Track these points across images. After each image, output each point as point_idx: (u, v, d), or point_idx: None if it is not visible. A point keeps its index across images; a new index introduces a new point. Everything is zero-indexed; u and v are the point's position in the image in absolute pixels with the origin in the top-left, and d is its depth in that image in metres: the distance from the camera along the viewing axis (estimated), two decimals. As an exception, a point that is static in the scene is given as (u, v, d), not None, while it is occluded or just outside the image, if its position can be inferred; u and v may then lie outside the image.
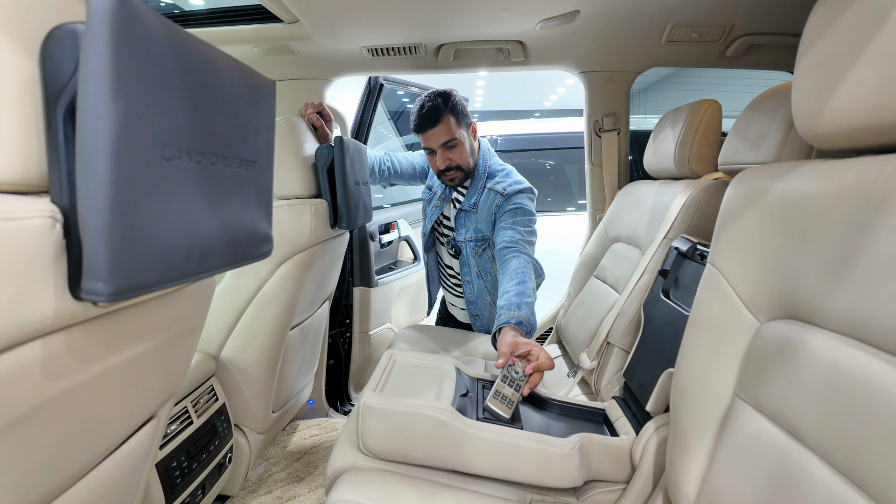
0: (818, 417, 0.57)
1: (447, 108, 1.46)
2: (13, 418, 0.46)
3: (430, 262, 1.85)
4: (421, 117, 1.47)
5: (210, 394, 1.20)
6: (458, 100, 1.48)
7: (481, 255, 1.59)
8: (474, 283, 1.63)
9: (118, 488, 0.73)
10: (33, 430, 0.50)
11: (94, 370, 0.53)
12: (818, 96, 0.61)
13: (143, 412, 0.74)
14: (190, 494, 1.07)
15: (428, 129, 1.47)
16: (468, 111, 1.53)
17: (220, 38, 1.51)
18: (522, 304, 1.23)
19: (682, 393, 0.83)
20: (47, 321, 0.44)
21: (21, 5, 0.43)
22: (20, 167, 0.43)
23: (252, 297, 1.27)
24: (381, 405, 0.94)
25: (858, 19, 0.55)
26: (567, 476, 0.92)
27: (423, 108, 1.46)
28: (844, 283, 0.56)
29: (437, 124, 1.45)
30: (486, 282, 1.62)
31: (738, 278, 0.75)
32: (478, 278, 1.62)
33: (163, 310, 0.63)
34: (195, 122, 0.50)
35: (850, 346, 0.55)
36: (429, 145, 1.50)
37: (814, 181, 0.63)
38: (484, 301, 1.65)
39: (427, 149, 1.53)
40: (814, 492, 0.55)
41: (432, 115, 1.45)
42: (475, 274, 1.62)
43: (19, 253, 0.40)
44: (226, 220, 0.56)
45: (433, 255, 1.84)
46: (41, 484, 0.55)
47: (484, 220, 1.55)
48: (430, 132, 1.47)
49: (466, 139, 1.52)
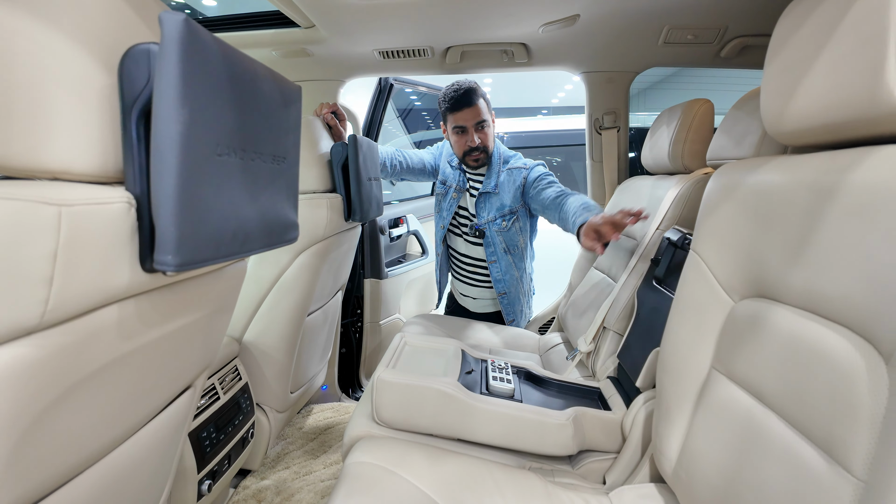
0: (778, 380, 0.65)
1: (480, 94, 1.64)
2: (92, 371, 0.55)
3: (442, 254, 1.94)
4: (457, 98, 1.61)
5: (234, 373, 1.30)
6: (484, 91, 1.65)
7: (509, 230, 1.73)
8: (501, 261, 1.76)
9: (161, 447, 0.83)
10: (105, 384, 0.59)
11: (152, 335, 0.63)
12: (781, 99, 0.69)
13: (184, 380, 0.83)
14: (217, 463, 1.17)
15: (464, 108, 1.61)
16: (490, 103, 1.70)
17: (241, 42, 1.60)
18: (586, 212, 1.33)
19: (666, 368, 0.91)
20: (122, 289, 0.53)
21: (102, 29, 0.52)
22: (100, 162, 0.52)
23: (272, 285, 1.36)
24: (393, 380, 1.03)
25: (812, 33, 0.63)
26: (562, 444, 1.00)
27: (458, 91, 1.62)
28: (801, 263, 0.64)
29: (473, 105, 1.61)
30: (514, 256, 1.76)
31: (715, 262, 0.83)
32: (505, 254, 1.75)
33: (206, 286, 0.72)
34: (239, 124, 0.59)
35: (804, 318, 0.63)
36: (463, 124, 1.64)
37: (779, 174, 0.71)
38: (512, 277, 1.78)
39: (459, 128, 1.66)
40: (772, 444, 0.64)
41: (468, 97, 1.61)
42: (502, 251, 1.75)
43: (105, 232, 0.49)
44: (262, 208, 0.66)
45: (445, 247, 1.93)
46: (107, 433, 0.65)
47: (509, 196, 1.70)
48: (466, 111, 1.62)
49: (492, 125, 1.69)
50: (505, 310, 1.84)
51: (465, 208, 1.82)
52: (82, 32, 0.50)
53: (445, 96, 1.65)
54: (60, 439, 0.56)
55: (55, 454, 0.57)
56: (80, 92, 0.50)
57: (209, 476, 1.13)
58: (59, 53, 0.49)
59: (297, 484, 1.43)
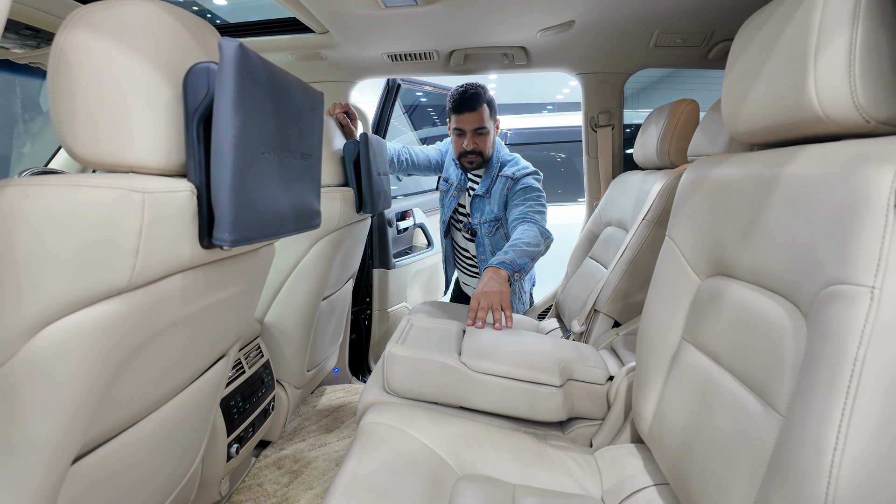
0: (729, 344, 0.77)
1: (485, 100, 1.69)
2: (160, 329, 0.68)
3: (447, 246, 2.07)
4: (462, 100, 1.67)
5: (257, 351, 1.42)
6: (492, 96, 1.70)
7: (495, 235, 1.83)
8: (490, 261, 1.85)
9: (201, 405, 0.96)
10: (167, 342, 0.72)
11: (204, 303, 0.75)
12: (736, 103, 0.80)
13: (221, 347, 0.96)
14: (244, 429, 1.30)
15: (465, 112, 1.67)
16: (496, 108, 1.76)
17: (260, 47, 1.73)
18: (510, 249, 1.46)
19: (644, 340, 1.03)
20: (185, 261, 0.66)
21: (168, 51, 0.64)
22: (167, 158, 0.65)
23: (291, 271, 1.49)
24: (402, 353, 1.15)
25: (759, 48, 0.74)
26: (553, 411, 1.12)
27: (465, 93, 1.68)
28: (749, 245, 0.76)
29: (475, 110, 1.67)
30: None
31: (686, 246, 0.95)
32: (492, 255, 1.85)
33: (244, 265, 0.84)
34: (277, 127, 0.71)
35: (751, 290, 0.75)
36: (461, 127, 1.71)
37: (735, 168, 0.82)
38: None
39: (458, 129, 1.73)
40: (723, 397, 0.75)
41: (472, 101, 1.67)
42: (489, 252, 1.86)
43: (175, 214, 0.62)
44: (294, 198, 0.78)
45: (449, 240, 2.05)
46: (164, 385, 0.78)
47: (497, 202, 1.78)
48: (466, 115, 1.68)
49: (492, 131, 1.75)
50: None
51: (464, 206, 1.94)
52: (154, 55, 0.63)
53: (452, 96, 1.74)
54: (133, 385, 0.69)
55: (129, 398, 0.70)
56: (152, 103, 0.63)
57: (237, 440, 1.26)
58: (137, 72, 0.62)
59: (313, 454, 1.56)
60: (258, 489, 1.39)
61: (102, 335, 0.58)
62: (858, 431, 0.49)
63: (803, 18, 0.65)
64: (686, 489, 0.79)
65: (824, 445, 0.51)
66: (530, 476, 0.99)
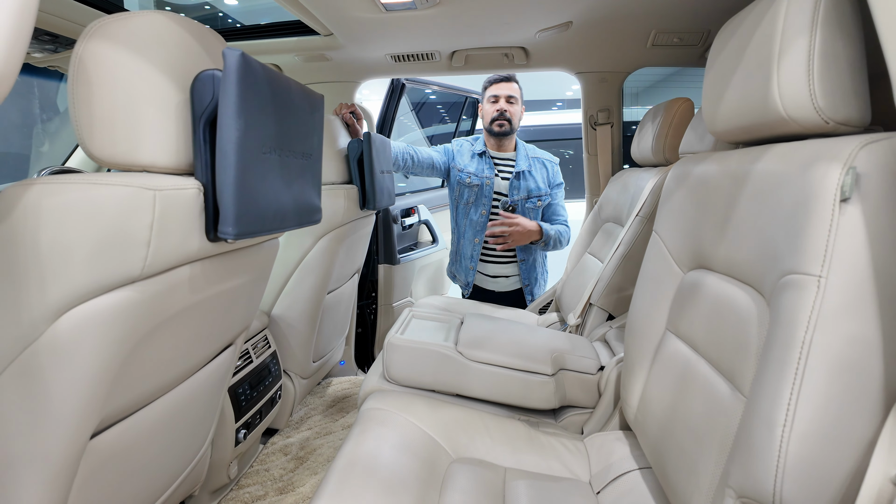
0: (705, 332, 0.81)
1: (515, 80, 2.02)
2: (170, 315, 0.74)
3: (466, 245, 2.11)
4: (499, 77, 1.99)
5: (265, 342, 1.49)
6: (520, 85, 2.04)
7: (536, 210, 2.04)
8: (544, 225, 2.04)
9: (210, 390, 1.02)
10: (177, 328, 0.78)
11: (211, 292, 0.81)
12: (714, 104, 0.84)
13: (228, 336, 1.02)
14: (251, 416, 1.36)
15: (502, 83, 1.98)
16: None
17: (268, 49, 1.79)
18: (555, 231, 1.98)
19: (631, 331, 1.07)
20: (193, 253, 0.71)
21: (177, 59, 0.70)
22: (176, 158, 0.70)
23: (297, 266, 1.54)
24: (401, 343, 1.21)
25: (733, 52, 0.78)
26: (545, 399, 1.17)
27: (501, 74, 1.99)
28: (724, 238, 0.80)
29: (510, 82, 1.99)
30: None
31: (670, 241, 0.99)
32: None
33: (249, 257, 0.90)
34: (278, 128, 0.76)
35: (724, 282, 0.79)
36: (497, 93, 1.99)
37: (713, 166, 0.86)
38: (530, 247, 2.06)
39: (493, 97, 2.00)
40: (698, 383, 0.79)
41: (507, 77, 1.99)
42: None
43: (183, 209, 0.67)
44: (295, 194, 0.83)
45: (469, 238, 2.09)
46: (175, 369, 0.84)
47: (540, 181, 2.04)
48: (502, 84, 1.98)
49: (519, 108, 2.04)
50: (524, 275, 2.10)
51: (497, 191, 2.05)
52: (164, 63, 0.68)
53: (489, 77, 2.02)
54: (147, 367, 0.75)
55: (143, 379, 0.76)
56: (163, 107, 0.69)
57: (244, 426, 1.32)
58: (148, 79, 0.67)
59: (318, 441, 1.62)
60: (265, 474, 1.45)
61: (118, 320, 0.64)
62: (805, 409, 0.54)
63: (769, 25, 0.68)
64: (664, 470, 0.84)
65: (775, 422, 0.55)
66: (521, 460, 1.04)
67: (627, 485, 0.95)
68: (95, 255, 0.60)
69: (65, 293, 0.59)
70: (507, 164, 2.05)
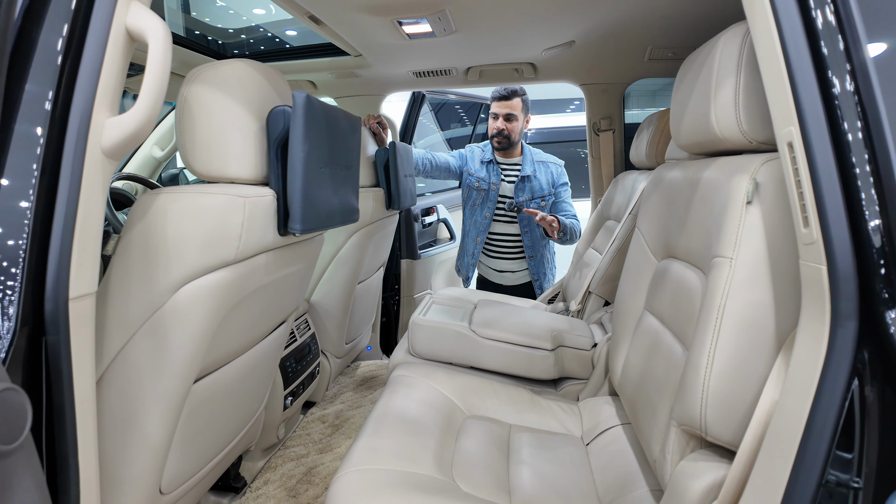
0: (669, 307, 1.01)
1: (519, 95, 2.15)
2: (250, 292, 0.96)
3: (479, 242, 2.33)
4: (501, 94, 2.15)
5: (306, 324, 1.72)
6: (527, 97, 2.20)
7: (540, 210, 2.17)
8: (532, 232, 2.23)
9: (268, 358, 1.25)
10: (253, 302, 1.00)
11: (277, 275, 1.04)
12: (678, 121, 1.03)
13: (283, 314, 1.24)
14: (296, 386, 1.59)
15: (503, 100, 2.14)
16: (529, 106, 2.23)
17: (305, 67, 2.02)
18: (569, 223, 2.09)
19: (617, 312, 1.27)
20: (269, 244, 0.94)
21: (255, 96, 0.92)
22: (255, 172, 0.93)
23: (332, 259, 1.77)
24: (424, 323, 1.42)
25: (689, 80, 0.97)
26: (545, 370, 1.37)
27: (505, 89, 2.15)
28: (683, 231, 0.99)
29: (508, 100, 2.13)
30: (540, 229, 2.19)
31: (648, 235, 1.18)
32: (537, 227, 2.20)
33: (304, 248, 1.13)
34: (330, 148, 0.98)
35: (684, 267, 0.98)
36: (497, 111, 2.16)
37: (679, 173, 1.06)
38: (539, 244, 2.25)
39: (493, 114, 2.18)
40: (663, 347, 0.99)
41: (508, 94, 2.14)
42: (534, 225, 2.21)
43: (263, 212, 0.90)
44: (340, 198, 1.05)
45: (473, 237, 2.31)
46: (247, 336, 1.06)
47: (544, 182, 2.21)
48: (502, 103, 2.15)
49: (521, 121, 2.20)
50: (532, 270, 2.29)
51: (502, 194, 2.25)
52: (246, 100, 0.91)
53: (495, 91, 2.17)
54: (231, 331, 0.98)
55: (228, 341, 0.99)
56: (245, 134, 0.91)
57: (291, 394, 1.56)
58: (234, 112, 0.90)
59: (351, 412, 1.85)
60: (307, 437, 1.69)
61: (218, 293, 0.87)
62: (721, 355, 0.73)
63: (709, 65, 0.88)
64: (637, 421, 1.04)
65: (700, 366, 0.75)
66: (524, 419, 1.25)
67: (610, 437, 1.15)
68: (204, 245, 0.82)
69: (182, 272, 0.82)
70: (513, 169, 2.25)
